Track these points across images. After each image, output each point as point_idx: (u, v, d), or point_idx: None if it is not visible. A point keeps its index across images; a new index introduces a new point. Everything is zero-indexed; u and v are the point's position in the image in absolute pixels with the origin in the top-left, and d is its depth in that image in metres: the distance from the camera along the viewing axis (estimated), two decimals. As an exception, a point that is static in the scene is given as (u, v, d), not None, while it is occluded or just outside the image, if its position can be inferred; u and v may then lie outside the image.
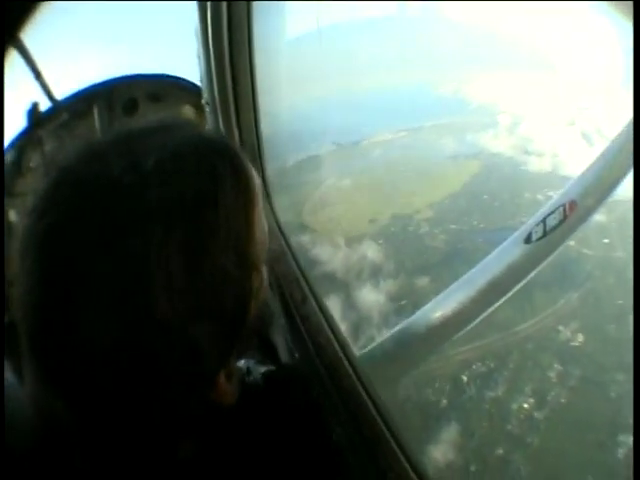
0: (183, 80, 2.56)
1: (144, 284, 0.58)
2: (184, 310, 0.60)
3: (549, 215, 1.43)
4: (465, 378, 7.22)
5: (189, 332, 0.61)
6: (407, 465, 0.87)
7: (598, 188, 1.42)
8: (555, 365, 7.31)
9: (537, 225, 1.47)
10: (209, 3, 1.30)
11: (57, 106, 2.34)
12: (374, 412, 0.91)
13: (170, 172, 0.62)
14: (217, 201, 0.64)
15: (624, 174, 1.40)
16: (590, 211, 1.41)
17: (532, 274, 1.52)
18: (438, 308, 1.48)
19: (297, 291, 1.12)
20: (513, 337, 7.36)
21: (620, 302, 7.79)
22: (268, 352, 1.13)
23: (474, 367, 7.26)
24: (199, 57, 1.41)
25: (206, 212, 0.62)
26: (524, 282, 1.52)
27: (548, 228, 1.43)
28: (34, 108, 2.36)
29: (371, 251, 9.46)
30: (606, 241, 8.59)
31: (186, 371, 0.64)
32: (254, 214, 0.69)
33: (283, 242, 1.28)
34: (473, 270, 1.54)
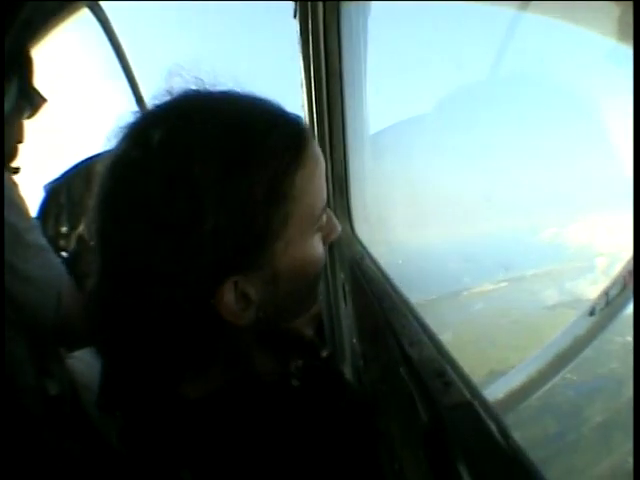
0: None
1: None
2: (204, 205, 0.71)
3: (611, 287, 1.51)
4: None
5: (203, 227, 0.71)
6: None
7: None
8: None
9: (600, 298, 1.55)
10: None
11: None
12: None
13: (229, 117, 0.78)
14: (266, 139, 0.76)
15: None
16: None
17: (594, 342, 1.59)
18: (510, 380, 1.59)
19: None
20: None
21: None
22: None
23: None
24: (303, 108, 1.68)
25: (251, 144, 0.76)
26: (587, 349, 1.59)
27: (610, 298, 1.50)
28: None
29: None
30: None
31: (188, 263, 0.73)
32: (298, 173, 0.79)
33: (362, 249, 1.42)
34: (543, 347, 1.64)
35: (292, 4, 1.57)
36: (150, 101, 0.82)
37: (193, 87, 0.81)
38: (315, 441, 0.86)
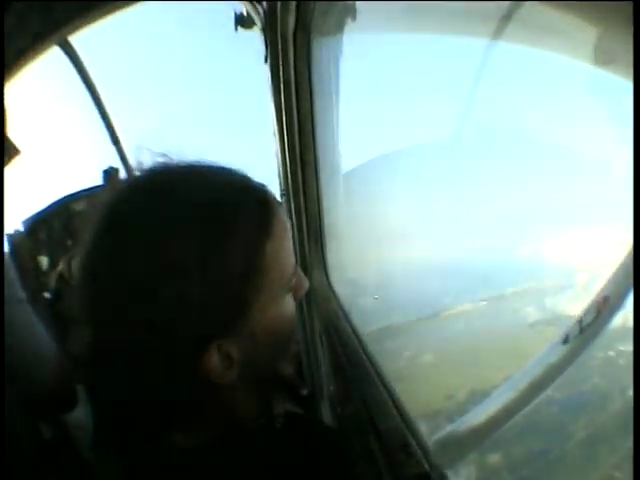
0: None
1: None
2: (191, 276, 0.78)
3: (585, 315, 1.53)
4: None
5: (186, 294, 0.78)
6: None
7: (628, 281, 1.47)
8: None
9: (573, 326, 1.56)
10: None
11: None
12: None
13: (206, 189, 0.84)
14: (237, 213, 0.83)
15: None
16: (621, 302, 1.46)
17: (567, 369, 1.61)
18: (483, 410, 1.61)
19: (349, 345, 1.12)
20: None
21: None
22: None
23: None
24: (277, 156, 1.70)
25: (223, 220, 0.82)
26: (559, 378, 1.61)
27: (584, 326, 1.51)
28: (114, 173, 2.63)
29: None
30: None
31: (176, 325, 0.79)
32: (268, 243, 0.86)
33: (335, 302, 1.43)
34: (516, 374, 1.66)
35: (262, 50, 1.59)
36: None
37: (160, 160, 0.86)
38: None
